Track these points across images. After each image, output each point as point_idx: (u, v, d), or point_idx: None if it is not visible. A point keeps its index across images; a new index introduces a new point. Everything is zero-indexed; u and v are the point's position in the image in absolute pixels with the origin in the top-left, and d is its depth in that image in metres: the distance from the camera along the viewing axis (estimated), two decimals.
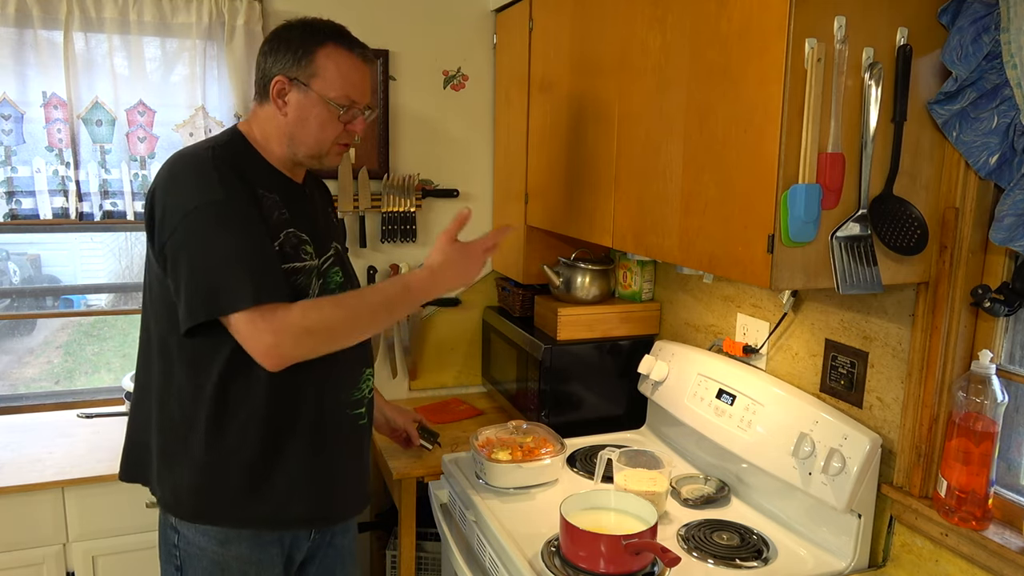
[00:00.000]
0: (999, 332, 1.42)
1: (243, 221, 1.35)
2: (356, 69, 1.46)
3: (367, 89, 1.50)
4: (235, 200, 1.35)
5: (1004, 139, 1.29)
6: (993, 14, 1.27)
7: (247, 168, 1.43)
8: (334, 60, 1.43)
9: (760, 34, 1.32)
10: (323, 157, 1.50)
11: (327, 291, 1.50)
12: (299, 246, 1.45)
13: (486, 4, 2.64)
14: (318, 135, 1.46)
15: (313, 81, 1.43)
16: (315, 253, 1.48)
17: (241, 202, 1.36)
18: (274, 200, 1.43)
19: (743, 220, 1.39)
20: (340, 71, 1.43)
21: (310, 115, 1.44)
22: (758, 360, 1.91)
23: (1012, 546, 1.32)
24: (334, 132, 1.47)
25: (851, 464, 1.50)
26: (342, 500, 1.56)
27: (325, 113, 1.44)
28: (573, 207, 2.09)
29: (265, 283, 1.33)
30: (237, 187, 1.36)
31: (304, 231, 1.47)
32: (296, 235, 1.45)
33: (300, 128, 1.45)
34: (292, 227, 1.44)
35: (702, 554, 1.56)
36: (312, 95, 1.43)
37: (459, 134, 2.71)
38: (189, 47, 2.30)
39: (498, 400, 2.69)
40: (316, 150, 1.48)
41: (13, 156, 2.21)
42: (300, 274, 1.44)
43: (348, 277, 1.61)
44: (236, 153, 1.45)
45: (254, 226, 1.36)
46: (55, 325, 2.82)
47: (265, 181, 1.45)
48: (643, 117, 1.71)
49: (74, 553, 2.04)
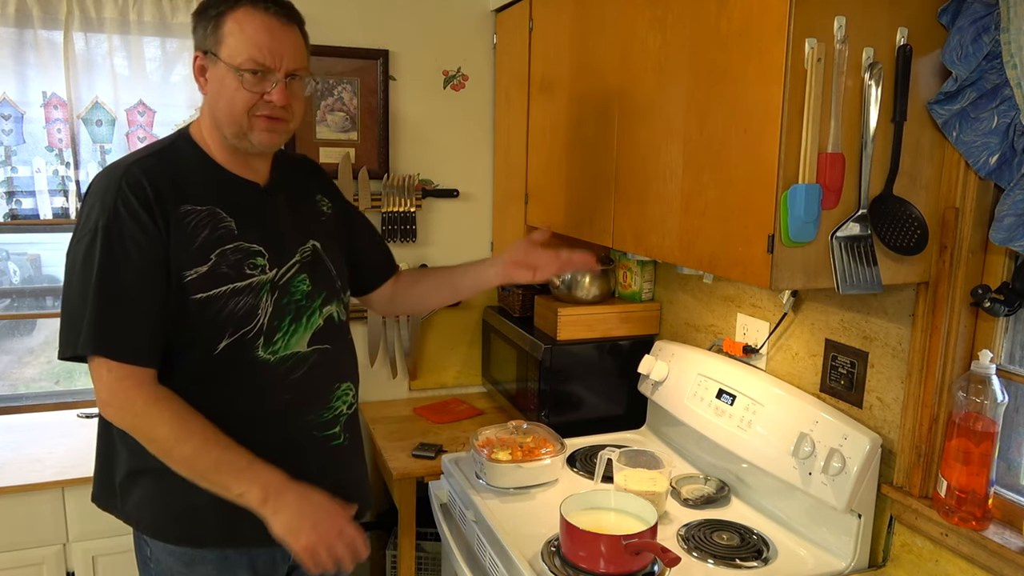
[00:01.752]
0: (999, 332, 1.42)
1: (118, 256, 1.23)
2: (265, 30, 1.29)
3: (284, 52, 1.31)
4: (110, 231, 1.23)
5: (1004, 139, 1.29)
6: (993, 14, 1.26)
7: (178, 180, 1.30)
8: (240, 23, 1.28)
9: (760, 34, 1.32)
10: (247, 135, 1.32)
11: (289, 305, 1.36)
12: (243, 261, 1.32)
13: (486, 4, 2.64)
14: (229, 108, 1.30)
15: (220, 49, 1.29)
16: (269, 264, 1.35)
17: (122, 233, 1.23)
18: (207, 214, 1.30)
19: (743, 220, 1.39)
20: (245, 34, 1.28)
21: (221, 87, 1.30)
22: (758, 360, 1.91)
23: (1012, 546, 1.32)
24: (244, 103, 1.30)
25: (851, 464, 1.50)
26: None
27: (233, 83, 1.29)
28: (573, 207, 2.09)
29: (110, 335, 1.22)
30: (124, 213, 1.23)
31: (255, 241, 1.34)
32: (240, 249, 1.32)
33: (216, 104, 1.31)
34: (235, 241, 1.32)
35: (702, 554, 1.56)
36: (220, 65, 1.29)
37: (459, 134, 2.71)
38: (189, 47, 2.27)
39: (498, 400, 2.69)
40: (234, 127, 1.32)
41: (13, 156, 2.21)
42: (242, 294, 1.31)
43: (319, 283, 1.43)
44: (168, 162, 1.32)
45: (129, 264, 1.23)
46: (55, 325, 2.81)
47: (199, 193, 1.31)
48: (643, 117, 1.71)
49: (74, 553, 2.04)
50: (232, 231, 1.32)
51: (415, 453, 2.24)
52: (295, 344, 1.38)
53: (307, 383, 1.39)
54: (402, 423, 2.51)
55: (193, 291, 1.28)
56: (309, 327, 1.40)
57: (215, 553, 1.37)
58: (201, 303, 1.29)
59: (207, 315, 1.29)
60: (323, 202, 1.56)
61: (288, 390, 1.37)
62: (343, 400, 1.47)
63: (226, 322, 1.30)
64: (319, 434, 1.42)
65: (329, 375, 1.44)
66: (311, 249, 1.44)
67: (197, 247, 1.29)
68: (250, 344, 1.33)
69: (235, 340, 1.31)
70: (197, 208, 1.31)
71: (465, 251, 2.76)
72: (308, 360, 1.40)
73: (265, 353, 1.34)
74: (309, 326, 1.40)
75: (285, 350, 1.36)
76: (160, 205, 1.27)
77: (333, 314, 1.47)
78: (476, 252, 2.78)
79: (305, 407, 1.40)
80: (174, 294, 1.28)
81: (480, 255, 2.78)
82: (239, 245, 1.32)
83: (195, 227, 1.29)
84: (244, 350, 1.32)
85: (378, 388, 2.73)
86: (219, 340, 1.31)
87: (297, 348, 1.38)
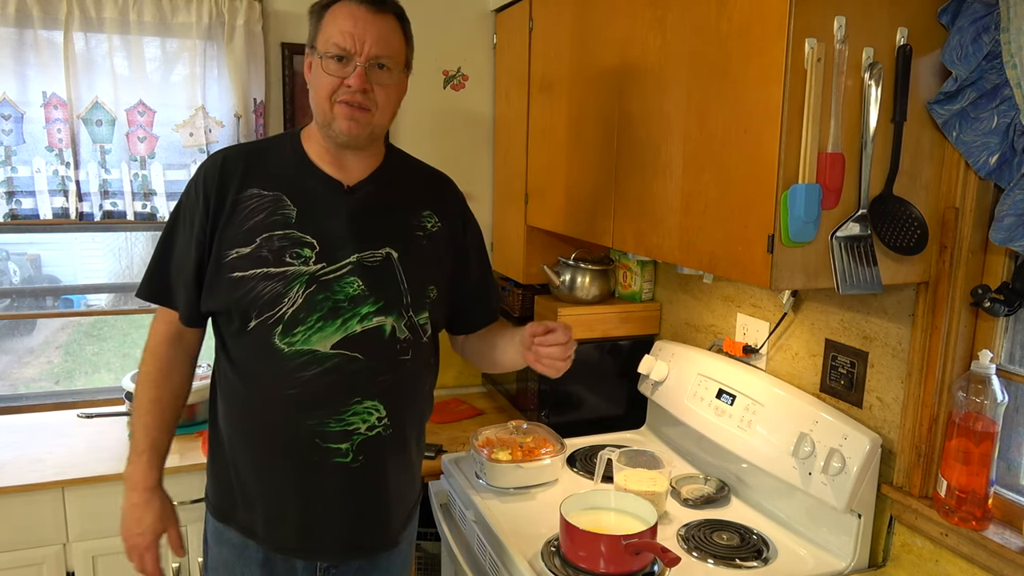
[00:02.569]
0: (999, 332, 1.42)
1: (175, 225, 1.42)
2: (351, 17, 1.31)
3: (368, 38, 1.31)
4: (183, 202, 1.42)
5: (1004, 139, 1.29)
6: (993, 14, 1.27)
7: (256, 167, 1.38)
8: (334, 14, 1.32)
9: (760, 34, 1.32)
10: (331, 123, 1.34)
11: (324, 302, 1.34)
12: (287, 249, 1.33)
13: (486, 4, 2.64)
14: (316, 95, 1.34)
15: (317, 41, 1.34)
16: (317, 258, 1.34)
17: (182, 209, 1.41)
18: (271, 200, 1.35)
19: (743, 220, 1.39)
20: (337, 23, 1.31)
21: (313, 76, 1.35)
22: (758, 360, 1.91)
23: (1012, 546, 1.32)
24: (326, 87, 1.32)
25: (851, 464, 1.50)
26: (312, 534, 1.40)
27: (320, 69, 1.33)
28: (573, 207, 2.09)
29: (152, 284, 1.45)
30: (193, 190, 1.39)
31: (309, 232, 1.34)
32: (288, 237, 1.33)
33: (311, 94, 1.36)
34: (287, 228, 1.34)
35: (702, 554, 1.56)
36: (315, 56, 1.34)
37: (459, 134, 2.71)
38: (189, 47, 2.30)
39: (498, 400, 2.69)
40: (321, 115, 1.35)
41: (13, 156, 2.21)
42: (272, 280, 1.32)
43: (376, 290, 1.37)
44: (259, 151, 1.43)
45: (179, 234, 1.41)
46: (55, 325, 2.82)
47: (272, 180, 1.37)
48: (643, 117, 1.71)
49: (74, 553, 2.03)
50: (289, 219, 1.36)
51: None
52: (316, 342, 1.33)
53: (316, 385, 1.34)
54: None
55: (230, 269, 1.35)
56: (341, 330, 1.34)
57: (239, 538, 1.43)
58: (234, 281, 1.34)
59: (237, 293, 1.34)
60: (429, 218, 1.48)
61: (294, 386, 1.34)
62: (363, 419, 1.37)
63: (251, 304, 1.34)
64: (322, 444, 1.35)
65: (349, 386, 1.35)
66: (382, 256, 1.39)
67: (246, 229, 1.35)
68: (270, 330, 1.34)
69: (259, 323, 1.34)
70: (263, 193, 1.37)
71: None
72: (326, 363, 1.34)
73: (281, 342, 1.34)
74: (341, 329, 1.34)
75: (303, 345, 1.33)
76: (220, 191, 1.36)
77: (386, 327, 1.38)
78: None
79: (307, 410, 1.34)
80: (215, 269, 1.36)
81: None
82: (290, 233, 1.35)
83: (252, 211, 1.36)
84: (265, 334, 1.34)
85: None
86: (248, 320, 1.35)
87: (317, 347, 1.33)
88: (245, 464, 1.41)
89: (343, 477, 1.38)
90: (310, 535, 1.40)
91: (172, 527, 1.46)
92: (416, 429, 1.50)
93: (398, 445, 1.43)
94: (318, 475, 1.37)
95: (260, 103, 2.38)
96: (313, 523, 1.40)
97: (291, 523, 1.40)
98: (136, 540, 1.43)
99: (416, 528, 1.61)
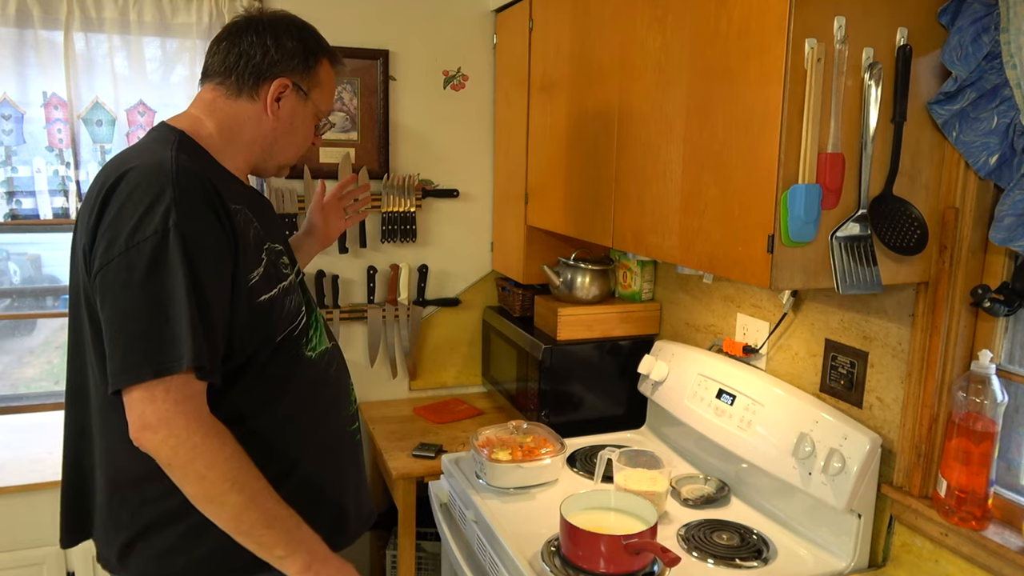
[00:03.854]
0: (999, 332, 1.42)
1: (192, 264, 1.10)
2: (335, 84, 1.43)
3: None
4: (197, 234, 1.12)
5: (1004, 139, 1.29)
6: (993, 14, 1.27)
7: (216, 179, 1.18)
8: (329, 74, 1.39)
9: (760, 34, 1.32)
10: (287, 166, 1.42)
11: (310, 303, 1.38)
12: (277, 261, 1.29)
13: (486, 4, 2.64)
14: (300, 146, 1.40)
15: (313, 92, 1.36)
16: (291, 264, 1.35)
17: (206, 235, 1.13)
18: (247, 213, 1.23)
19: (743, 220, 1.39)
20: (332, 87, 1.41)
21: (300, 125, 1.37)
22: (758, 360, 1.91)
23: (1012, 546, 1.32)
24: (308, 141, 1.41)
25: (851, 464, 1.50)
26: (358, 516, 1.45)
27: (311, 125, 1.39)
28: (573, 207, 2.09)
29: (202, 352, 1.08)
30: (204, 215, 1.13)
31: (277, 241, 1.32)
32: (272, 249, 1.28)
33: (287, 136, 1.36)
34: (267, 241, 1.28)
35: (702, 554, 1.56)
36: (309, 106, 1.36)
37: (459, 134, 2.71)
38: (189, 47, 2.30)
39: (498, 400, 2.69)
40: (289, 160, 1.41)
41: (13, 156, 2.21)
42: (290, 293, 1.29)
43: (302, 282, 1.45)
44: (202, 167, 1.19)
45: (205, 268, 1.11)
46: (55, 325, 2.82)
47: (232, 193, 1.22)
48: (643, 117, 1.71)
49: (74, 553, 2.04)
50: (261, 232, 1.26)
51: (415, 453, 2.24)
52: (323, 341, 1.39)
53: (339, 378, 1.42)
54: (402, 423, 2.51)
55: (258, 293, 1.20)
56: (321, 324, 1.41)
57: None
58: (266, 307, 1.21)
59: (272, 316, 1.23)
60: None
61: (328, 385, 1.38)
62: (354, 393, 1.50)
63: (282, 322, 1.25)
64: (349, 428, 1.44)
65: (347, 371, 1.47)
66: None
67: (253, 247, 1.21)
68: (296, 342, 1.30)
69: (283, 339, 1.26)
70: (238, 207, 1.21)
71: (465, 251, 2.77)
72: (335, 355, 1.42)
73: (307, 350, 1.34)
74: (320, 323, 1.41)
75: (320, 346, 1.37)
76: (225, 209, 1.16)
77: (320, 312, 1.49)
78: (476, 252, 2.78)
79: (339, 403, 1.41)
80: (244, 301, 1.18)
81: (480, 255, 2.79)
82: (271, 245, 1.28)
83: (245, 226, 1.21)
84: (294, 347, 1.29)
85: (378, 388, 2.74)
86: (272, 341, 1.24)
87: (326, 344, 1.39)
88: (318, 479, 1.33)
89: (359, 454, 1.48)
90: (358, 517, 1.44)
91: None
92: None
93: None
94: (351, 461, 1.44)
95: None
96: (360, 502, 1.45)
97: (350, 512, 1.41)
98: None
99: None
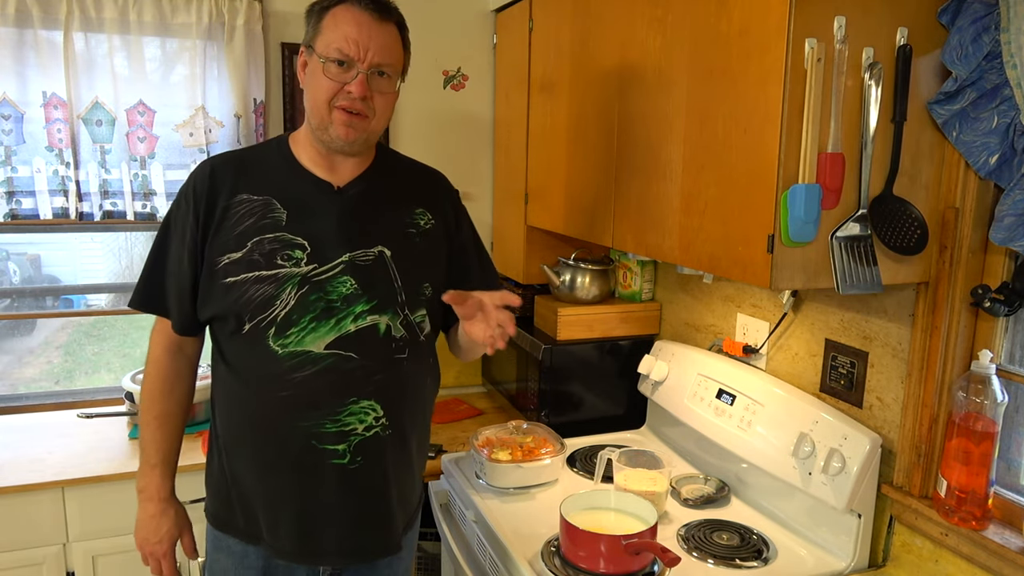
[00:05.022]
0: (999, 332, 1.42)
1: (168, 234, 1.42)
2: (355, 23, 1.30)
3: (371, 46, 1.31)
4: (173, 212, 1.42)
5: (1004, 139, 1.29)
6: (993, 14, 1.27)
7: (245, 172, 1.38)
8: (336, 17, 1.31)
9: (760, 34, 1.32)
10: (328, 128, 1.33)
11: (317, 303, 1.33)
12: (278, 252, 1.33)
13: (486, 4, 2.64)
14: (314, 98, 1.33)
15: (316, 42, 1.32)
16: (308, 259, 1.34)
17: (174, 218, 1.41)
18: (260, 204, 1.35)
19: (743, 220, 1.39)
20: (338, 27, 1.30)
21: (311, 78, 1.34)
22: (758, 360, 1.91)
23: (1012, 546, 1.32)
24: (326, 92, 1.31)
25: (851, 464, 1.50)
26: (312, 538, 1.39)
27: (319, 72, 1.31)
28: (573, 207, 2.09)
29: (145, 293, 1.45)
30: (183, 200, 1.39)
31: (300, 234, 1.34)
32: (279, 239, 1.34)
33: (307, 95, 1.35)
34: (278, 231, 1.34)
35: (702, 554, 1.56)
36: (314, 57, 1.32)
37: (459, 134, 2.71)
38: (189, 47, 2.30)
39: (498, 400, 2.69)
40: (318, 118, 1.34)
41: (13, 156, 2.21)
42: (265, 283, 1.32)
43: (370, 289, 1.36)
44: (246, 157, 1.43)
45: (171, 242, 1.41)
46: (55, 325, 2.82)
47: (261, 184, 1.37)
48: (643, 117, 1.71)
49: (74, 553, 2.03)
50: (279, 222, 1.36)
51: None
52: (309, 343, 1.33)
53: (311, 386, 1.33)
54: None
55: (223, 275, 1.35)
56: (335, 330, 1.34)
57: (239, 545, 1.44)
58: (227, 287, 1.34)
59: (230, 298, 1.34)
60: (422, 216, 1.48)
61: (288, 387, 1.33)
62: (359, 419, 1.36)
63: (244, 307, 1.34)
64: (318, 446, 1.34)
65: (344, 386, 1.35)
66: (375, 254, 1.39)
67: (237, 234, 1.35)
68: (263, 332, 1.34)
69: (253, 326, 1.34)
70: (252, 198, 1.37)
71: None
72: (320, 363, 1.33)
73: (275, 344, 1.34)
74: (335, 329, 1.34)
75: (296, 346, 1.33)
76: (210, 199, 1.36)
77: (380, 325, 1.37)
78: None
79: (302, 411, 1.34)
80: (208, 276, 1.36)
81: None
82: (280, 236, 1.35)
83: (242, 215, 1.35)
84: (260, 337, 1.34)
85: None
86: (242, 324, 1.35)
87: (310, 347, 1.33)
88: (243, 469, 1.41)
89: (341, 479, 1.37)
90: (310, 539, 1.39)
91: (187, 533, 1.51)
92: (417, 430, 1.48)
93: (398, 445, 1.42)
94: (315, 477, 1.36)
95: (260, 103, 2.38)
96: (312, 527, 1.39)
97: (290, 527, 1.39)
98: (154, 548, 1.48)
99: (418, 532, 1.60)
